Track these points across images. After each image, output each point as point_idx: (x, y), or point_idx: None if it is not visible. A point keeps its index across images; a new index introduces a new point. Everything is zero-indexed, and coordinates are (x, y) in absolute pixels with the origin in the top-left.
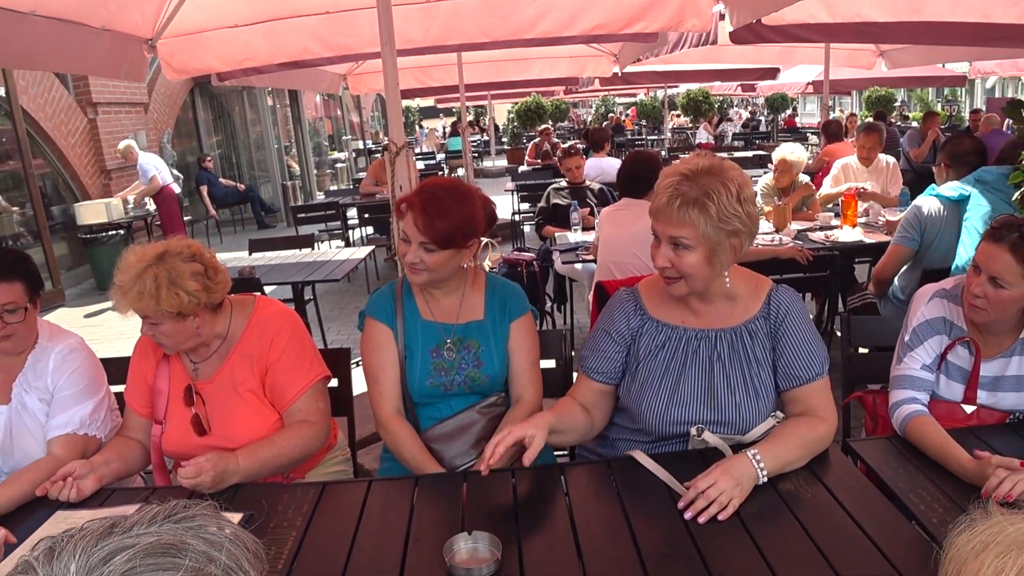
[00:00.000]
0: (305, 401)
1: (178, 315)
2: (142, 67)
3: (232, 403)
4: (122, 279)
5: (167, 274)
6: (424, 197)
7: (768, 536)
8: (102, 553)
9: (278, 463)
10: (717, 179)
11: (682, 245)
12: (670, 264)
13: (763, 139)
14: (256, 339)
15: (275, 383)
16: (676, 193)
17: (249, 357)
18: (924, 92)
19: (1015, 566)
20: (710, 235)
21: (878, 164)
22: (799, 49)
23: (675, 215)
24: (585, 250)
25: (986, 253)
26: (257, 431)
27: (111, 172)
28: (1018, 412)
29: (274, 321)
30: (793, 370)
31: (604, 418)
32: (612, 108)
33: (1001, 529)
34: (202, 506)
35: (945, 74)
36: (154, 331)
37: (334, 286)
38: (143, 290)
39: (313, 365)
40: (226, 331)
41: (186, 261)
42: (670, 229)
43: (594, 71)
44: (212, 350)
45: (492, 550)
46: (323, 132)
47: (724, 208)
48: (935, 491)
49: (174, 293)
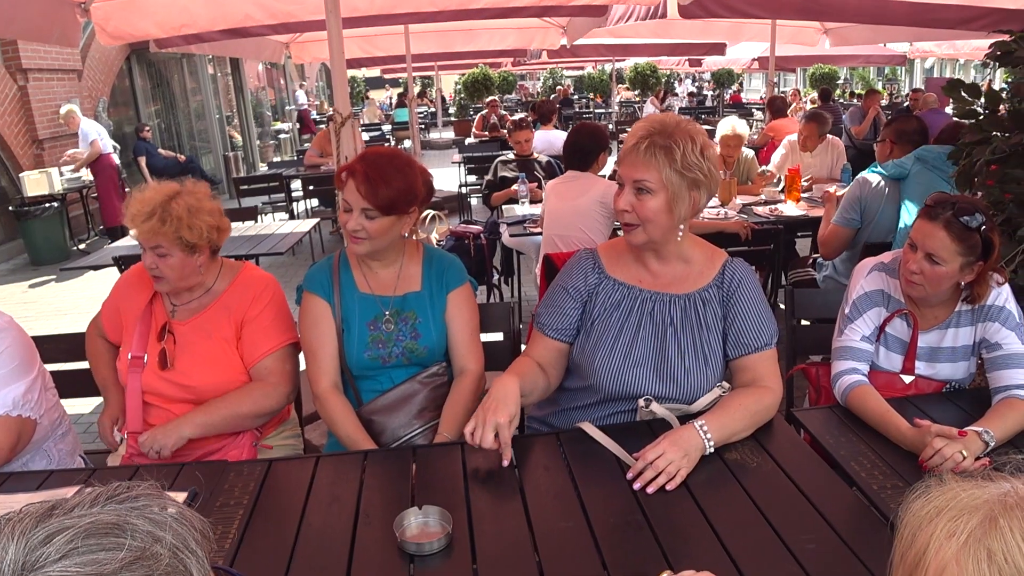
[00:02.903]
0: (273, 360)
1: (190, 247)
2: (75, 32)
3: (203, 346)
4: (141, 208)
5: (192, 205)
6: (366, 164)
7: (715, 505)
8: (42, 535)
9: (223, 414)
10: (685, 131)
11: (645, 189)
12: (631, 208)
13: (709, 114)
14: (239, 295)
15: (249, 338)
16: (644, 137)
17: (229, 308)
18: (866, 71)
19: (966, 529)
20: (673, 181)
21: (823, 146)
22: (746, 25)
23: (641, 157)
24: (533, 223)
25: (922, 230)
26: (219, 376)
27: (43, 142)
28: (954, 382)
29: (259, 283)
30: (743, 338)
31: (558, 377)
32: (560, 81)
33: (955, 495)
34: (145, 486)
35: (886, 53)
36: (159, 263)
37: (278, 259)
38: (167, 216)
39: (287, 329)
40: (213, 283)
41: (203, 199)
42: (635, 172)
43: (542, 43)
44: (195, 296)
45: (442, 524)
46: (266, 102)
47: (688, 156)
48: (875, 459)
49: (195, 223)
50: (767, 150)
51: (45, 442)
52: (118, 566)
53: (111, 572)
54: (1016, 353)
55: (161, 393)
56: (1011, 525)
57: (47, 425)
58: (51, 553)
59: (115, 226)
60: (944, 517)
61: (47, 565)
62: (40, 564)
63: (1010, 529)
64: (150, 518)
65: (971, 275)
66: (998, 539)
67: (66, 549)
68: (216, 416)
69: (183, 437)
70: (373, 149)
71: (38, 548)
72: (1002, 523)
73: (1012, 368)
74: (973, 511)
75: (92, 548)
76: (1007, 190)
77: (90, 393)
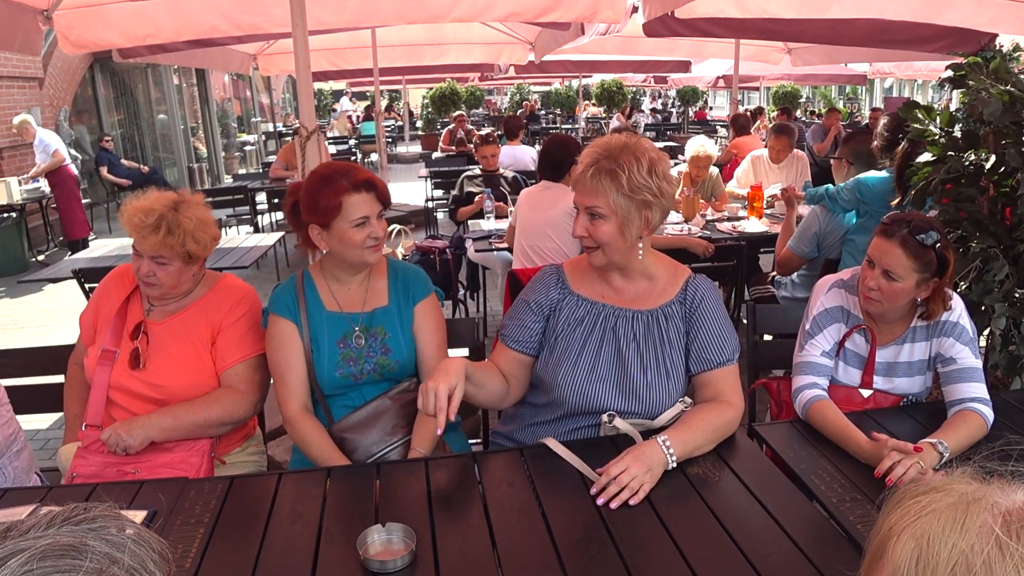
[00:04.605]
0: (245, 368)
1: (192, 258)
2: (37, 39)
3: (176, 347)
4: (145, 219)
5: (199, 217)
6: (365, 174)
7: (678, 519)
8: None
9: (192, 419)
10: (631, 153)
11: (597, 215)
12: (587, 233)
13: (674, 130)
14: (218, 301)
15: (224, 344)
16: (591, 163)
17: (207, 313)
18: (828, 90)
19: (928, 507)
20: (621, 204)
21: (789, 160)
22: (710, 43)
23: (588, 183)
24: (499, 238)
25: (879, 248)
26: (190, 378)
27: (2, 151)
28: (911, 395)
29: (238, 292)
30: (705, 353)
31: (520, 388)
32: (527, 96)
33: (931, 484)
34: (102, 507)
35: (847, 73)
36: (157, 271)
37: (242, 273)
38: (175, 228)
39: (261, 340)
40: (193, 288)
41: (205, 209)
42: (586, 199)
43: (510, 58)
44: (172, 298)
45: (406, 541)
46: (231, 113)
47: (634, 178)
48: (835, 472)
49: (200, 236)
50: (730, 167)
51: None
52: None
53: None
54: (969, 367)
55: (129, 390)
56: (967, 518)
57: (0, 441)
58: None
59: (76, 239)
60: (912, 500)
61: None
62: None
63: (962, 522)
64: (107, 539)
65: (927, 291)
66: (939, 524)
67: (21, 572)
68: (184, 421)
69: (148, 439)
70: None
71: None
72: (959, 515)
73: (965, 382)
74: (945, 496)
75: (48, 571)
76: (961, 208)
77: (46, 409)
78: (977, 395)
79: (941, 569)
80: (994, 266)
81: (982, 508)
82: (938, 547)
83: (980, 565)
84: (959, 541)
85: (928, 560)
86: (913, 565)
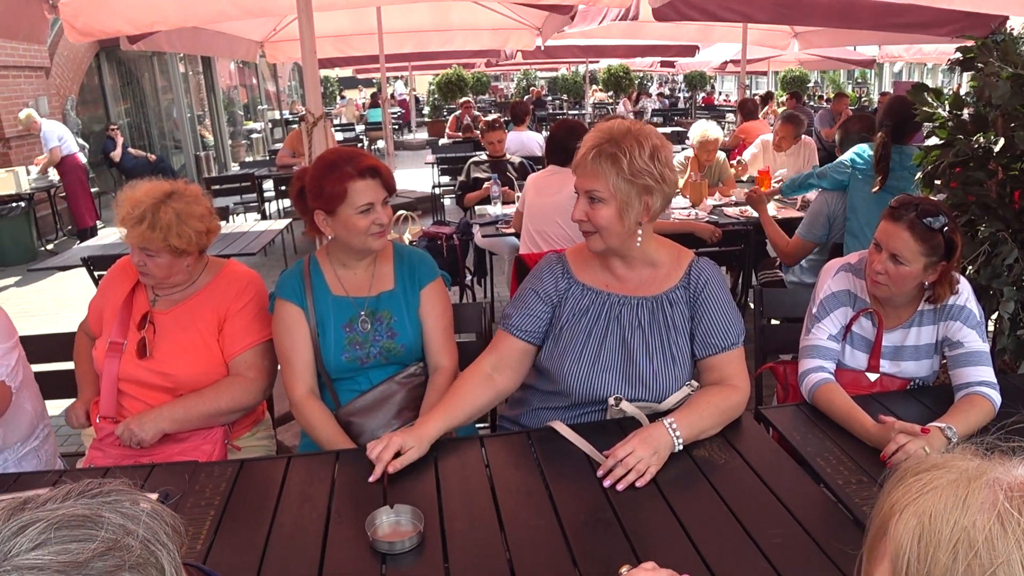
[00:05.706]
0: (252, 355)
1: (178, 251)
2: (43, 28)
3: (183, 336)
4: (132, 211)
5: (181, 211)
6: (370, 160)
7: (684, 502)
8: (15, 526)
9: (202, 409)
10: (633, 138)
11: (596, 198)
12: (585, 217)
13: (681, 116)
14: (224, 288)
15: (231, 331)
16: (593, 146)
17: (213, 301)
18: (836, 74)
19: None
20: (621, 188)
21: (796, 148)
22: (717, 27)
23: (589, 166)
24: (505, 223)
25: (886, 232)
26: (198, 366)
27: (10, 140)
28: (918, 379)
29: (244, 279)
30: (710, 338)
31: (513, 381)
32: (534, 82)
33: (933, 462)
34: (116, 482)
35: (856, 57)
36: (148, 262)
37: (249, 260)
38: (156, 223)
39: (268, 326)
40: (197, 277)
41: (193, 203)
42: (586, 182)
43: (517, 44)
44: (178, 288)
45: (414, 523)
46: (238, 101)
47: (635, 163)
48: (841, 455)
49: (184, 230)
50: (737, 152)
51: (33, 440)
52: (90, 556)
53: (83, 561)
54: (977, 351)
55: (138, 380)
56: (968, 494)
57: (35, 422)
58: (24, 543)
59: (85, 227)
60: (914, 478)
61: (20, 554)
62: (13, 553)
63: (964, 499)
64: (122, 512)
65: (934, 275)
66: (941, 501)
67: (39, 539)
68: (195, 411)
69: (161, 431)
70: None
71: (11, 539)
72: (960, 491)
73: (973, 365)
74: (946, 473)
75: (64, 539)
76: (969, 192)
77: (58, 395)
78: (984, 379)
79: (943, 546)
80: (1003, 250)
81: (983, 484)
82: (940, 524)
83: (982, 541)
84: (961, 518)
85: (930, 537)
86: (915, 543)
